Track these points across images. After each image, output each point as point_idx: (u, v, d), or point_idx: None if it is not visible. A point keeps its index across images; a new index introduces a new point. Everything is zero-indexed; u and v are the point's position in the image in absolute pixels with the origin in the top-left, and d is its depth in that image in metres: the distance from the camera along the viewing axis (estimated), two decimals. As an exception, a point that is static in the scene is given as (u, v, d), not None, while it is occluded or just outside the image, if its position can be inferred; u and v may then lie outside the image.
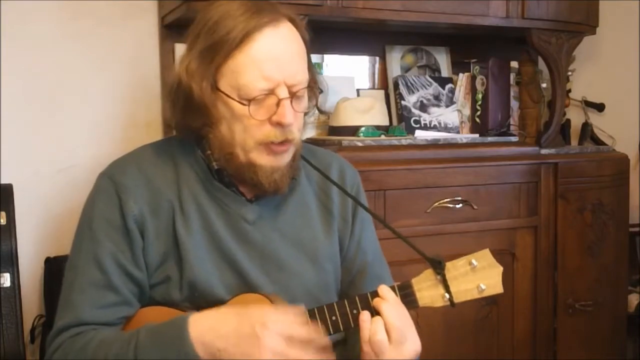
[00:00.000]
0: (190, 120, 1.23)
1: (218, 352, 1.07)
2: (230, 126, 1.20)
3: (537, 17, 2.28)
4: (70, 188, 2.02)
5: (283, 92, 1.17)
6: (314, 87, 1.27)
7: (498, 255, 1.20)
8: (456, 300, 1.16)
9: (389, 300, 1.14)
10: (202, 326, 1.09)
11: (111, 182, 1.23)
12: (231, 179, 1.25)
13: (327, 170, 1.34)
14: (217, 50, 1.17)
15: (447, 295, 1.16)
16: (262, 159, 1.20)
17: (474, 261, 1.17)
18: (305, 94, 1.23)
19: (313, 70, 1.27)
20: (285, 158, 1.22)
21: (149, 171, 1.25)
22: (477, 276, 1.17)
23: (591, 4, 2.43)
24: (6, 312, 1.69)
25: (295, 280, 1.26)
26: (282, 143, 1.19)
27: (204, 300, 1.20)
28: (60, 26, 2.02)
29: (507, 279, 2.15)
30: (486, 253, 1.18)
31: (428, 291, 1.16)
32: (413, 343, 1.14)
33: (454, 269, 1.17)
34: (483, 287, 1.16)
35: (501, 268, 1.18)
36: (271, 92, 1.17)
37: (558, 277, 2.26)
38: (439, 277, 1.16)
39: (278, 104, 1.17)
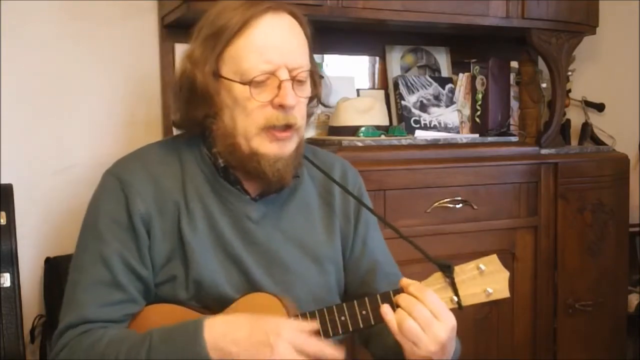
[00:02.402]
0: (193, 112, 1.23)
1: (229, 355, 1.08)
2: (233, 114, 1.20)
3: (537, 17, 2.28)
4: (70, 188, 2.02)
5: (284, 74, 1.18)
6: (316, 76, 1.28)
7: (498, 255, 1.20)
8: (464, 303, 1.18)
9: (414, 284, 1.15)
10: (217, 331, 1.09)
11: (117, 180, 1.22)
12: (236, 176, 1.25)
13: (330, 171, 1.34)
14: (219, 38, 1.19)
15: (455, 298, 1.18)
16: (265, 147, 1.20)
17: (481, 266, 1.18)
18: (307, 80, 1.23)
19: (315, 63, 1.28)
20: (288, 146, 1.22)
21: (154, 170, 1.24)
22: (485, 280, 1.18)
23: (591, 4, 2.44)
24: (6, 312, 1.69)
25: (299, 281, 1.26)
26: (284, 129, 1.20)
27: (210, 299, 1.20)
28: (60, 26, 2.01)
29: (507, 279, 2.18)
30: (494, 258, 1.20)
31: (437, 294, 1.17)
32: (448, 318, 1.14)
33: (462, 272, 1.18)
34: (490, 291, 1.18)
35: (507, 273, 1.20)
36: (272, 74, 1.18)
37: (558, 277, 2.26)
38: (447, 280, 1.17)
39: (279, 86, 1.18)
